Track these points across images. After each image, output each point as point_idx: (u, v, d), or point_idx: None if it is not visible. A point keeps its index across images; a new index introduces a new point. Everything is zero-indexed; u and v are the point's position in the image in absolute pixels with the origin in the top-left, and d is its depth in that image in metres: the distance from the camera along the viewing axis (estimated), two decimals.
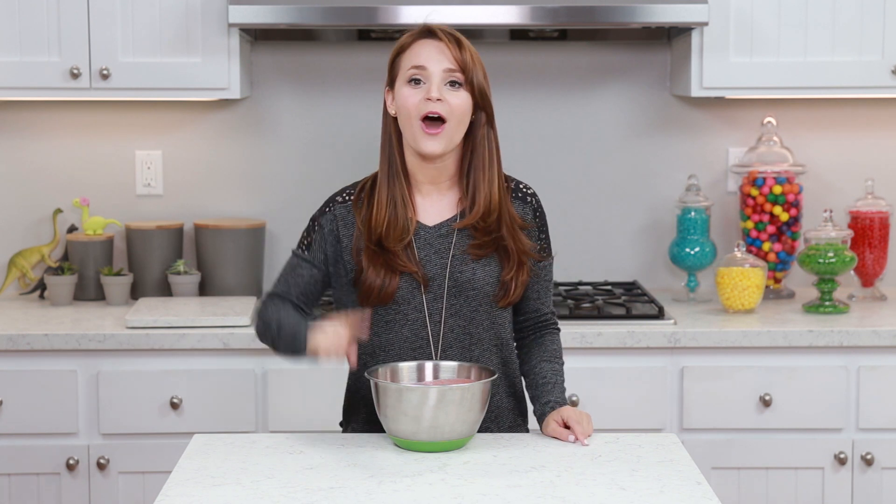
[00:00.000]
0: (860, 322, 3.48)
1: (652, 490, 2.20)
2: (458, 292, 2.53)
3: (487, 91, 2.52)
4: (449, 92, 2.47)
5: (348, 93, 3.91)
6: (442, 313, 2.53)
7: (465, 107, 2.48)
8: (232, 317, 3.40)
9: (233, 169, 3.94)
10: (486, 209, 2.51)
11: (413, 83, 2.48)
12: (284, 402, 3.37)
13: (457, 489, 2.20)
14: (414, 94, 2.47)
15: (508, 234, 2.53)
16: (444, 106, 2.45)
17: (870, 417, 3.41)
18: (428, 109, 2.45)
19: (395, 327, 2.54)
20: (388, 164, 2.55)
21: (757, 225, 3.83)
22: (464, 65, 2.47)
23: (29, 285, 3.87)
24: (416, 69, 2.47)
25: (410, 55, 2.50)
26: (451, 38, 2.50)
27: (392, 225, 2.51)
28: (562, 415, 2.50)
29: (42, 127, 3.90)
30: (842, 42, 3.62)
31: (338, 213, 2.57)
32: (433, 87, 2.45)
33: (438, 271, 2.53)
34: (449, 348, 2.54)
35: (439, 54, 2.48)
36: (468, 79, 2.48)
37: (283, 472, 2.30)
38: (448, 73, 2.47)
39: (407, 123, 2.49)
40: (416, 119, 2.46)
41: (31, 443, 3.38)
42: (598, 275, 4.00)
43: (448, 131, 2.47)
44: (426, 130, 2.46)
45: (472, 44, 2.55)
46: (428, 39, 2.50)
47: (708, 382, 3.39)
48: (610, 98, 3.95)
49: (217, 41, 3.55)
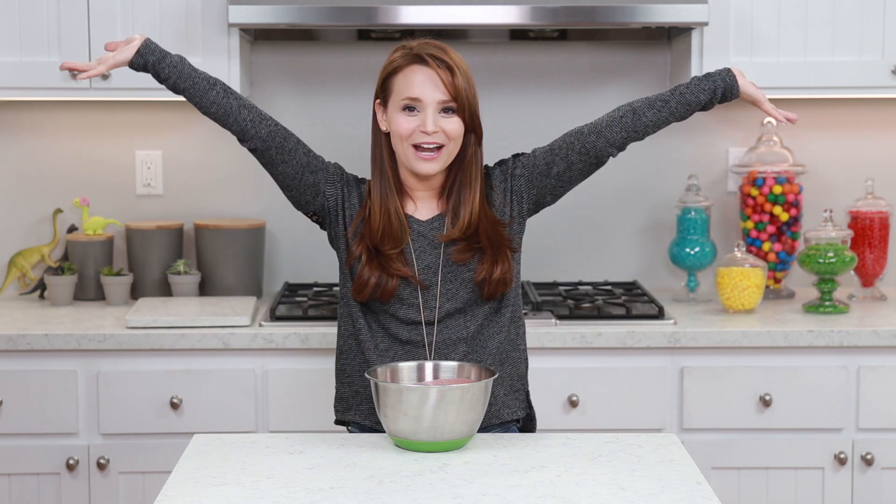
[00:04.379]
0: (860, 322, 3.48)
1: (652, 490, 2.20)
2: (454, 276, 2.58)
3: (477, 111, 2.59)
4: (443, 119, 2.55)
5: (348, 93, 3.91)
6: (437, 299, 2.58)
7: (459, 130, 2.57)
8: (232, 317, 3.40)
9: (233, 169, 3.94)
10: (467, 223, 2.59)
11: (407, 111, 2.56)
12: (284, 402, 3.37)
13: (457, 489, 2.20)
14: (409, 121, 2.55)
15: (487, 239, 2.60)
16: (439, 136, 2.54)
17: (870, 417, 3.41)
18: (423, 141, 2.54)
19: (391, 308, 2.59)
20: (379, 176, 2.63)
21: (757, 225, 3.83)
22: (456, 93, 2.54)
23: (29, 285, 3.87)
24: (411, 100, 2.55)
25: (404, 83, 2.56)
26: (442, 64, 2.54)
27: (387, 233, 2.58)
28: None
29: (42, 127, 3.90)
30: (842, 42, 3.62)
31: (349, 178, 2.66)
32: (429, 120, 2.53)
33: (433, 259, 2.59)
34: (446, 329, 2.58)
35: (432, 85, 2.54)
36: (461, 106, 2.55)
37: (283, 472, 2.30)
38: (441, 104, 2.55)
39: (400, 146, 2.57)
40: (410, 145, 2.55)
41: (31, 443, 3.37)
42: (598, 275, 4.00)
43: (444, 154, 2.57)
44: (420, 156, 2.55)
45: (472, 44, 2.57)
46: (419, 66, 2.55)
47: (708, 382, 3.39)
48: (610, 98, 3.95)
49: (217, 41, 3.55)
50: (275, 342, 3.35)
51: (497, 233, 2.60)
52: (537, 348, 3.31)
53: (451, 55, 2.55)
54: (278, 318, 3.45)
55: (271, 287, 3.96)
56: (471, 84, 2.56)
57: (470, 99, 2.55)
